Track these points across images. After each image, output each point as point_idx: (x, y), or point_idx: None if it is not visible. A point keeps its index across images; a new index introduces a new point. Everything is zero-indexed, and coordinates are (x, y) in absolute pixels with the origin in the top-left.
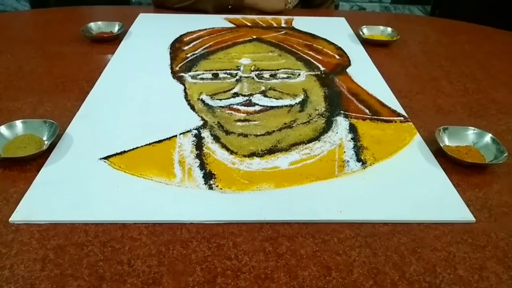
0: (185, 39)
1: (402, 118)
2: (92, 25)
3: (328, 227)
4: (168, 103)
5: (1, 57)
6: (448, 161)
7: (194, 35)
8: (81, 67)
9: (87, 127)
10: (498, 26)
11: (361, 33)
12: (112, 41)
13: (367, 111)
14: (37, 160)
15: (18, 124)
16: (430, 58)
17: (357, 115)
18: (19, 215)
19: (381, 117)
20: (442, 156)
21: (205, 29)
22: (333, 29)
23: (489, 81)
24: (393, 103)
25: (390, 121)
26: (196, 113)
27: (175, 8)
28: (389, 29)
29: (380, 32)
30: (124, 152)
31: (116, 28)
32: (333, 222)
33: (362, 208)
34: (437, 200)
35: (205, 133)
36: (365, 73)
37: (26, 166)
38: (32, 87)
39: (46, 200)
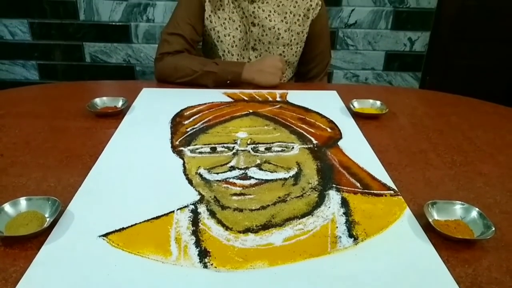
0: (185, 114)
1: (392, 192)
2: (97, 100)
3: None
4: (167, 178)
5: (10, 132)
6: (438, 236)
7: (194, 110)
8: (86, 142)
9: (88, 204)
10: (487, 91)
11: (351, 106)
12: (116, 116)
13: (358, 184)
14: (39, 238)
15: (22, 201)
16: (418, 130)
17: (348, 188)
18: None
19: (372, 191)
20: (431, 231)
21: (205, 104)
22: (325, 102)
23: (475, 153)
24: (383, 176)
25: (381, 195)
26: (194, 187)
27: (177, 83)
28: (378, 102)
29: (370, 105)
30: (123, 229)
31: (120, 103)
32: None
33: (355, 287)
34: (428, 278)
35: (202, 208)
36: (356, 146)
37: (27, 244)
38: (38, 163)
39: (45, 281)
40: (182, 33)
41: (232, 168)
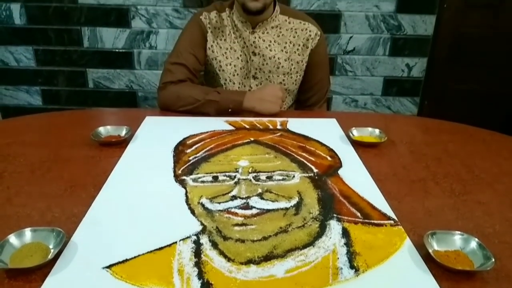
0: (188, 142)
1: (392, 221)
2: (101, 129)
3: None
4: (170, 208)
5: (15, 161)
6: (438, 267)
7: (197, 138)
8: (89, 171)
9: (92, 234)
10: (485, 115)
11: (351, 134)
12: (120, 145)
13: (358, 214)
14: (43, 270)
15: (27, 232)
16: (417, 158)
17: (349, 218)
18: None
19: (372, 221)
20: (431, 261)
21: (207, 132)
22: (325, 130)
23: (474, 181)
24: (383, 205)
25: (381, 225)
26: (196, 217)
27: (180, 110)
28: (377, 130)
29: (369, 133)
30: (126, 260)
31: (123, 132)
32: None
33: None
34: None
35: (204, 239)
36: (356, 175)
37: (31, 275)
38: (42, 192)
39: None
40: (185, 62)
41: (234, 198)
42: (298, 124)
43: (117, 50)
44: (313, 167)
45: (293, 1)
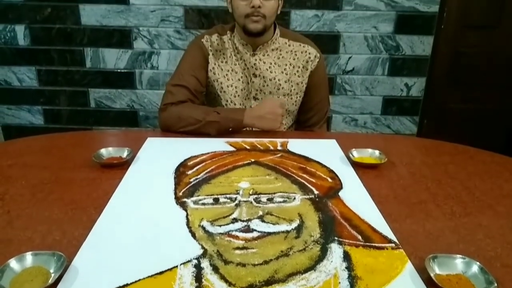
0: (189, 163)
1: (393, 244)
2: (103, 151)
3: None
4: (170, 231)
5: (16, 184)
6: None
7: (198, 159)
8: (91, 193)
9: (92, 258)
10: (484, 133)
11: (351, 155)
12: (121, 166)
13: (359, 237)
14: None
15: (28, 256)
16: (417, 180)
17: (350, 241)
18: None
19: (373, 244)
20: (433, 285)
21: (208, 153)
22: (325, 151)
23: (474, 203)
24: (384, 228)
25: (382, 248)
26: (197, 241)
27: (181, 131)
28: (377, 152)
29: (369, 154)
30: (127, 285)
31: (125, 153)
32: None
33: None
34: None
35: (205, 263)
36: (356, 197)
37: None
38: (43, 215)
39: None
40: (186, 84)
41: (235, 220)
42: (299, 145)
43: (119, 70)
44: (313, 189)
45: (292, 23)
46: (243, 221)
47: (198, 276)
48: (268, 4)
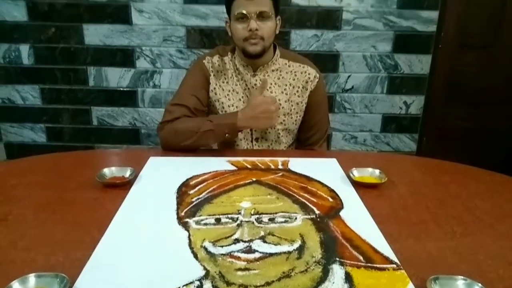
0: (191, 183)
1: (394, 265)
2: (106, 170)
3: None
4: (173, 252)
5: (20, 204)
6: None
7: (199, 179)
8: (93, 214)
9: (95, 280)
10: (483, 151)
11: (351, 175)
12: (124, 186)
13: (361, 258)
14: None
15: (31, 278)
16: (418, 200)
17: (352, 262)
18: None
19: (375, 265)
20: None
21: (210, 172)
22: (325, 170)
23: (475, 223)
24: (385, 248)
25: (384, 269)
26: (199, 262)
27: (182, 147)
28: (377, 171)
29: (369, 173)
30: None
31: (128, 173)
32: None
33: None
34: None
35: (207, 285)
36: (357, 217)
37: None
38: (46, 236)
39: None
40: (186, 103)
41: (237, 241)
42: (300, 164)
43: (121, 89)
44: (315, 209)
45: (292, 42)
46: (245, 241)
47: None
48: (265, 26)
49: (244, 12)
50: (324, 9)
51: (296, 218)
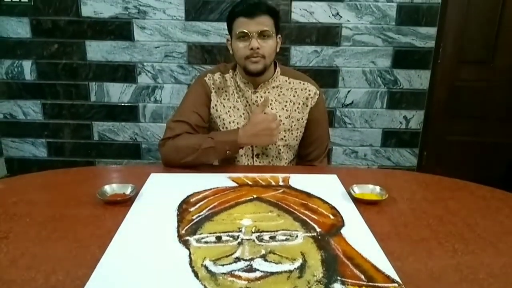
0: (191, 200)
1: (396, 284)
2: (107, 187)
3: None
4: (173, 271)
5: (21, 221)
6: None
7: (200, 196)
8: (94, 231)
9: None
10: (484, 166)
11: (352, 191)
12: (125, 203)
13: (362, 276)
14: None
15: None
16: (418, 217)
17: (353, 281)
18: None
19: (377, 284)
20: None
21: (210, 189)
22: (326, 186)
23: (476, 240)
24: (387, 267)
25: None
26: (200, 281)
27: (183, 164)
28: (378, 188)
29: (370, 190)
30: None
31: (128, 190)
32: None
33: None
34: None
35: None
36: (358, 234)
37: None
38: (47, 254)
39: None
40: (187, 120)
41: (238, 260)
42: (300, 180)
43: (123, 104)
44: (316, 226)
45: (292, 58)
46: (246, 260)
47: None
48: (266, 45)
49: (246, 31)
50: (324, 25)
51: (297, 236)
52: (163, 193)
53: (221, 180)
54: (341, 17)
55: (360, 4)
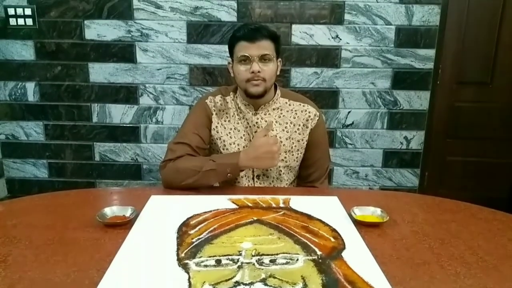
0: (191, 222)
1: None
2: (107, 210)
3: None
4: None
5: (20, 244)
6: None
7: (200, 218)
8: (94, 255)
9: None
10: (485, 185)
11: (353, 213)
12: (125, 226)
13: None
14: None
15: None
16: (420, 239)
17: None
18: None
19: None
20: None
21: (210, 211)
22: (327, 208)
23: (478, 264)
24: None
25: None
26: None
27: (183, 186)
28: (379, 210)
29: (370, 212)
30: None
31: (128, 212)
32: None
33: None
34: None
35: None
36: (359, 258)
37: None
38: (46, 278)
39: None
40: (188, 142)
41: (237, 284)
42: (301, 202)
43: (124, 125)
44: (316, 249)
45: (293, 80)
46: (246, 284)
47: None
48: (267, 68)
49: (247, 54)
50: (323, 47)
51: (297, 260)
52: (163, 215)
53: (221, 201)
54: (340, 39)
55: (359, 27)
